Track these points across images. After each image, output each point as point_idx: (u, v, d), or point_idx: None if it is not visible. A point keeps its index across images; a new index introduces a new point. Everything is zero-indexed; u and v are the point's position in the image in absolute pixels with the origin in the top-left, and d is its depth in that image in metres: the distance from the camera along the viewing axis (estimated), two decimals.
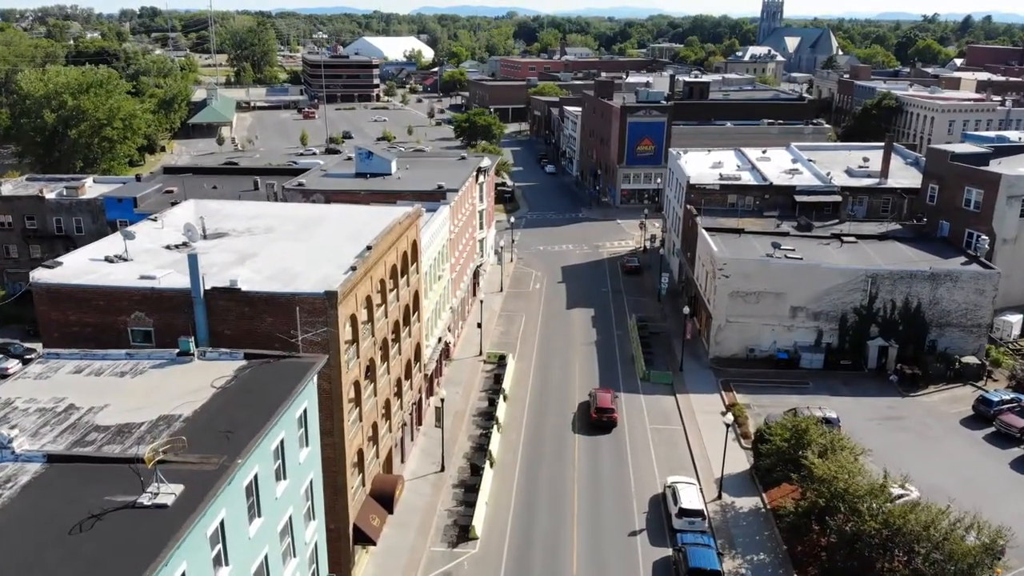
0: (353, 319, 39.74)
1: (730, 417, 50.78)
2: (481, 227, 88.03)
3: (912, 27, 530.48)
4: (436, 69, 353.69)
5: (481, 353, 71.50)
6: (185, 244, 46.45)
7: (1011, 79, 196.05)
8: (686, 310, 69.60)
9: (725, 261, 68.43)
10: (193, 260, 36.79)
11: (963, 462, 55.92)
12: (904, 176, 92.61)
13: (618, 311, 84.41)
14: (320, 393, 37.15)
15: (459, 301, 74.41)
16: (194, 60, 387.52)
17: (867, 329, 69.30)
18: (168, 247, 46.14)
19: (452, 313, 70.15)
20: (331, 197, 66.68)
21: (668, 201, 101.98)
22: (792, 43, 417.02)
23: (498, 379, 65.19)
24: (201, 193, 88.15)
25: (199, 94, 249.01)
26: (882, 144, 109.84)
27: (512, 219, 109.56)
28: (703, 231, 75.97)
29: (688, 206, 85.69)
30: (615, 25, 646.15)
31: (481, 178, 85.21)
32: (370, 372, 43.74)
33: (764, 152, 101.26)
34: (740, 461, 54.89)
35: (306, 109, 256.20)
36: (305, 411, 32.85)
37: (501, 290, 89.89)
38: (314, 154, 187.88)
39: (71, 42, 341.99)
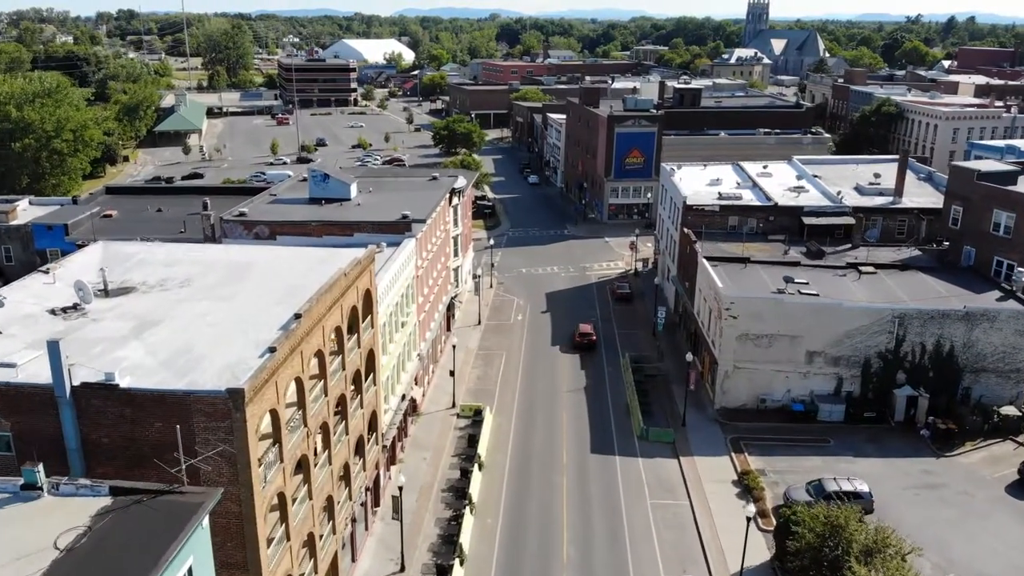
0: (274, 415, 30.78)
1: (752, 509, 42.06)
2: (456, 254, 79.10)
3: (896, 28, 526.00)
4: (416, 72, 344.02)
5: (454, 405, 62.51)
6: (76, 307, 37.30)
7: (1010, 83, 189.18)
8: (689, 357, 60.88)
9: (732, 300, 59.82)
10: (54, 349, 27.71)
11: (1014, 543, 47.56)
12: (919, 194, 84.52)
13: (609, 347, 75.72)
14: (226, 519, 28.22)
15: (429, 344, 65.45)
16: (168, 64, 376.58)
17: (893, 376, 60.95)
18: (54, 312, 36.98)
19: (420, 361, 61.19)
20: (276, 229, 57.55)
21: (661, 220, 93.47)
22: (778, 45, 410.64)
23: (472, 441, 56.13)
24: (142, 218, 79.04)
25: (169, 100, 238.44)
26: (892, 157, 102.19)
27: (492, 241, 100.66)
28: (704, 262, 67.41)
29: (685, 229, 77.16)
30: (598, 27, 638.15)
31: (455, 200, 76.31)
32: (303, 469, 34.79)
33: (765, 167, 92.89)
34: (758, 547, 46.23)
35: (280, 115, 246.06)
36: (190, 570, 23.83)
37: (479, 323, 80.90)
38: (284, 163, 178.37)
39: (41, 46, 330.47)
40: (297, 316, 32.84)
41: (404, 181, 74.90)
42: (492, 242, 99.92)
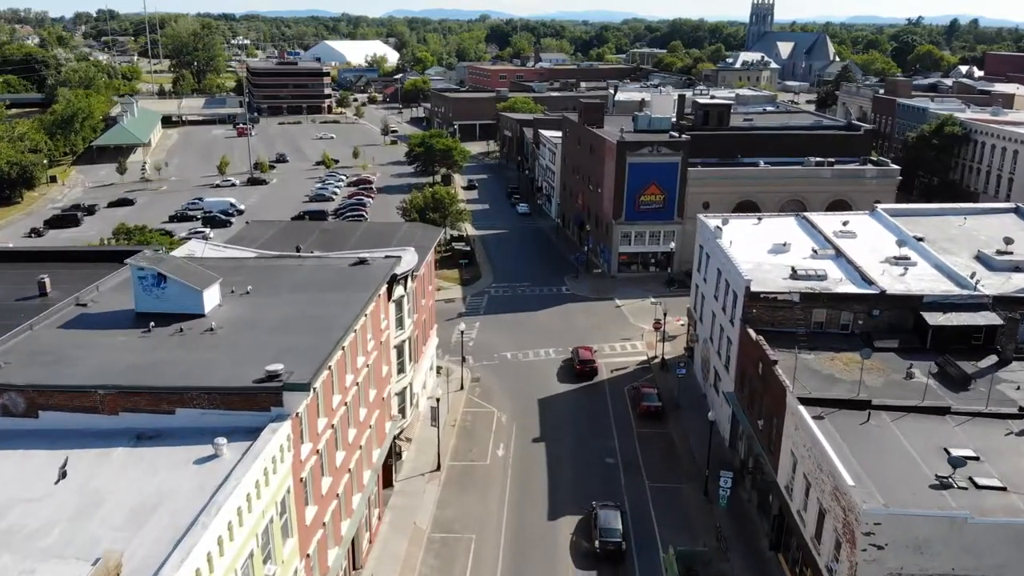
0: None
1: None
2: (402, 369, 52.50)
3: (900, 31, 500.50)
4: (399, 76, 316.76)
5: None
6: None
7: None
8: None
9: (878, 519, 33.38)
10: None
11: None
12: None
13: (640, 522, 48.95)
14: None
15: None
16: (138, 67, 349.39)
17: None
18: None
19: None
20: (39, 401, 30.74)
21: (702, 298, 67.03)
22: (785, 48, 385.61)
23: None
24: None
25: (119, 109, 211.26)
26: (1005, 206, 76.05)
27: (463, 324, 74.01)
28: (803, 413, 40.90)
29: (751, 332, 50.83)
30: (590, 29, 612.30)
31: (399, 290, 49.73)
32: None
33: (846, 224, 66.51)
34: None
35: (240, 125, 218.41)
36: None
37: (438, 467, 54.21)
38: (233, 185, 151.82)
39: None
40: None
41: (312, 268, 47.48)
42: (463, 324, 73.26)
